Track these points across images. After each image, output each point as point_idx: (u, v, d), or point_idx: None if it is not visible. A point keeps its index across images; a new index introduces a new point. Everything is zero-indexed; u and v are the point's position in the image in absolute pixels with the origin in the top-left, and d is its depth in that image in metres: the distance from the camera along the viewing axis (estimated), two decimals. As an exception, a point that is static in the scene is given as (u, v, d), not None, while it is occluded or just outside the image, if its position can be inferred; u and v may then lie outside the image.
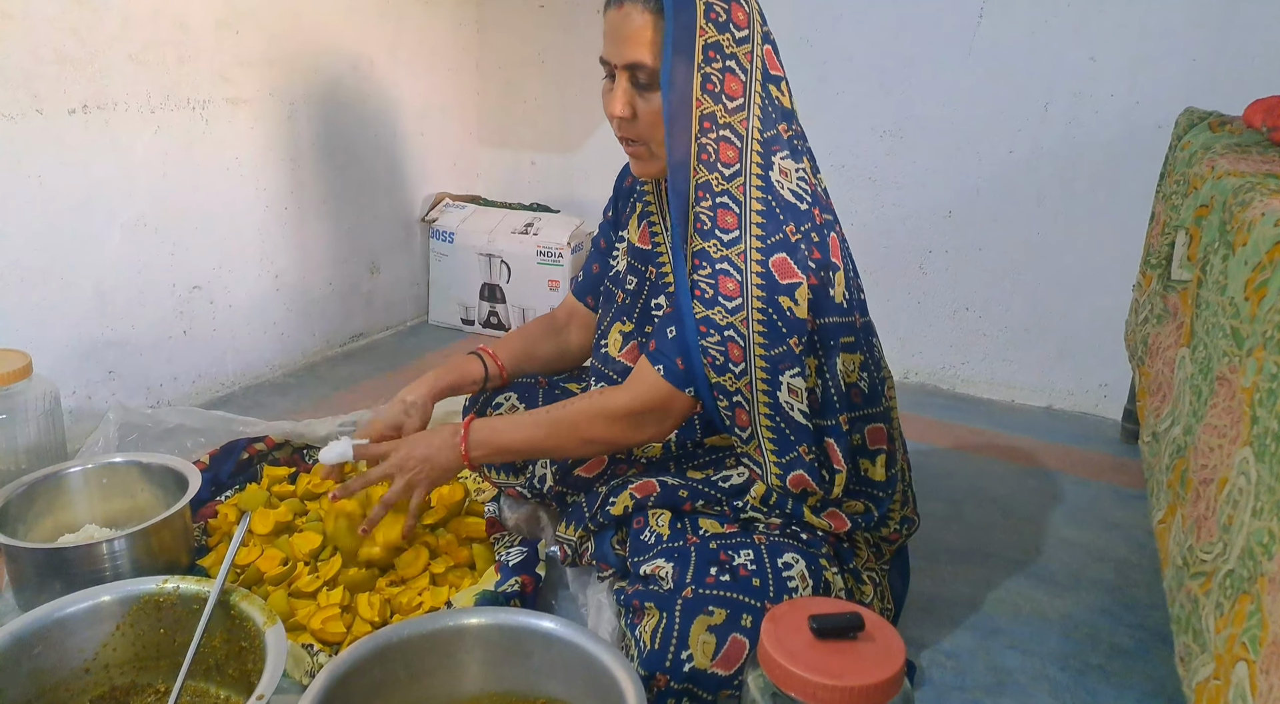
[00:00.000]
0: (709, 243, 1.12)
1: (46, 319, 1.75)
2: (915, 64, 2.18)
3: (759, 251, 1.10)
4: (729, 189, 1.12)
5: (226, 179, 2.05)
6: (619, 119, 1.16)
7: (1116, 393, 2.16)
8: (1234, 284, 0.84)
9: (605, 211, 1.47)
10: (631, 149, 1.21)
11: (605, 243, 1.45)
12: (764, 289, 1.10)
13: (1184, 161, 1.44)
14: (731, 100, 1.12)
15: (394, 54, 2.46)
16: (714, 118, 1.12)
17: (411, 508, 1.31)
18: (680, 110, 1.11)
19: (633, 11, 1.12)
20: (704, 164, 1.12)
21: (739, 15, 1.13)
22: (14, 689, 1.00)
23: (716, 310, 1.12)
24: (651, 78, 1.12)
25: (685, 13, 1.10)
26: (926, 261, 2.30)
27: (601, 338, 1.41)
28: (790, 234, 1.11)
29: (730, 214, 1.12)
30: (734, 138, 1.12)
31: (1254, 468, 0.68)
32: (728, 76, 1.12)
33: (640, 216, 1.35)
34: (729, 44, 1.12)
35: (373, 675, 0.99)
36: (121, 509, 1.44)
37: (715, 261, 1.12)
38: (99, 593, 1.07)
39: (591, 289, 1.49)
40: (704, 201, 1.13)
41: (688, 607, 1.05)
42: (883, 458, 1.24)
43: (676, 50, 1.09)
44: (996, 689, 1.25)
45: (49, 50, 1.66)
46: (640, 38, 1.11)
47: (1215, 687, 0.67)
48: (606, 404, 1.20)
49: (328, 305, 2.41)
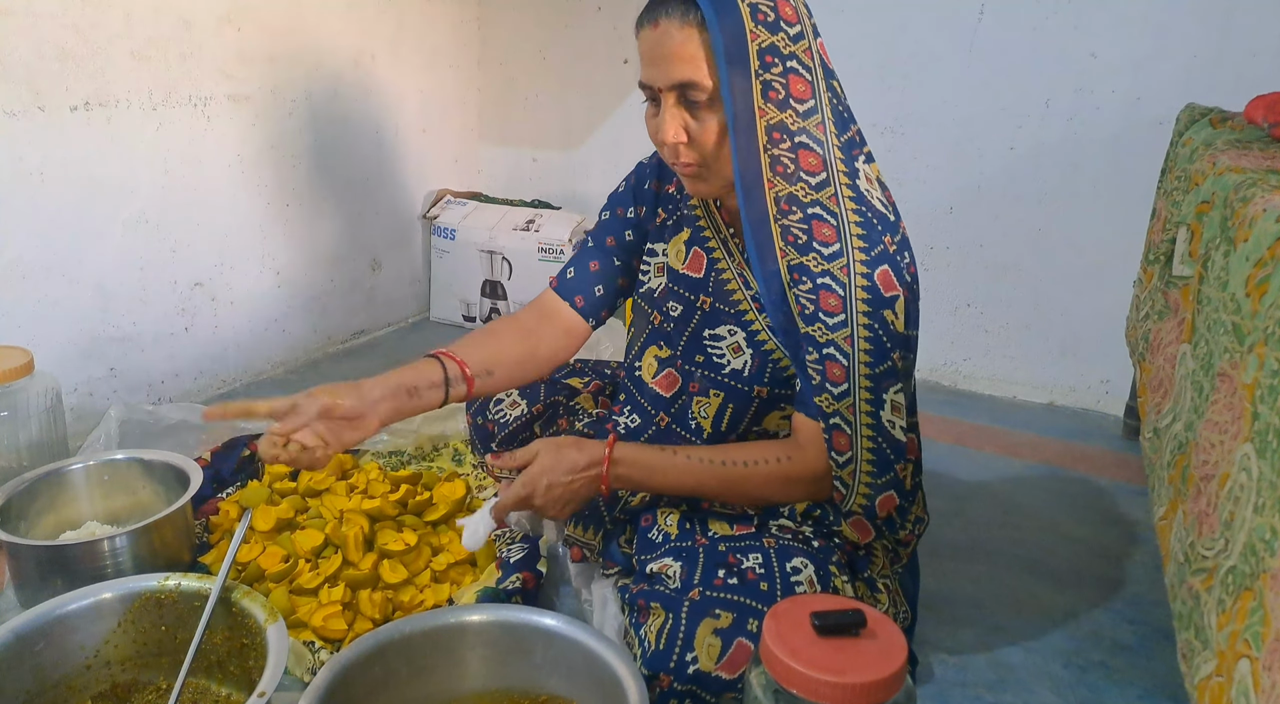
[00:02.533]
0: (807, 257, 1.05)
1: (48, 316, 1.75)
2: (916, 60, 2.18)
3: (864, 264, 1.04)
4: (819, 199, 1.05)
5: (228, 176, 2.05)
6: (673, 145, 1.08)
7: (1118, 389, 2.15)
8: (1235, 280, 0.84)
9: (616, 209, 1.34)
10: (687, 171, 1.12)
11: (615, 240, 1.33)
12: (870, 304, 1.04)
13: (1185, 158, 1.44)
14: (802, 103, 1.05)
15: (395, 50, 2.46)
16: (784, 126, 1.04)
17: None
18: (744, 124, 1.03)
19: (670, 28, 1.03)
20: (782, 176, 1.05)
21: (786, 10, 1.05)
22: (16, 685, 1.00)
23: (816, 327, 1.05)
24: (705, 95, 1.04)
25: (730, 19, 1.01)
26: (928, 258, 2.29)
27: (636, 359, 1.34)
28: (889, 245, 1.06)
29: (827, 225, 1.05)
30: (813, 144, 1.05)
31: (1255, 464, 0.67)
32: (792, 78, 1.04)
33: (691, 241, 1.25)
34: (785, 44, 1.04)
35: (374, 672, 0.99)
36: (123, 506, 1.44)
37: (816, 276, 1.05)
38: (100, 590, 1.08)
39: (584, 289, 1.33)
40: (792, 214, 1.05)
41: (694, 609, 1.04)
42: (912, 467, 1.21)
43: (729, 61, 1.02)
44: (999, 686, 1.25)
45: (51, 47, 1.66)
46: (684, 54, 1.03)
47: (1218, 684, 0.67)
48: (795, 472, 1.13)
49: (329, 302, 2.41)
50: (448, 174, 2.76)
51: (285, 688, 1.12)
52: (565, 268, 1.34)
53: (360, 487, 1.55)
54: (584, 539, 1.33)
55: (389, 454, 1.77)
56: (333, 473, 1.60)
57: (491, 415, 1.49)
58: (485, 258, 2.61)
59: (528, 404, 1.47)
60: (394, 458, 1.76)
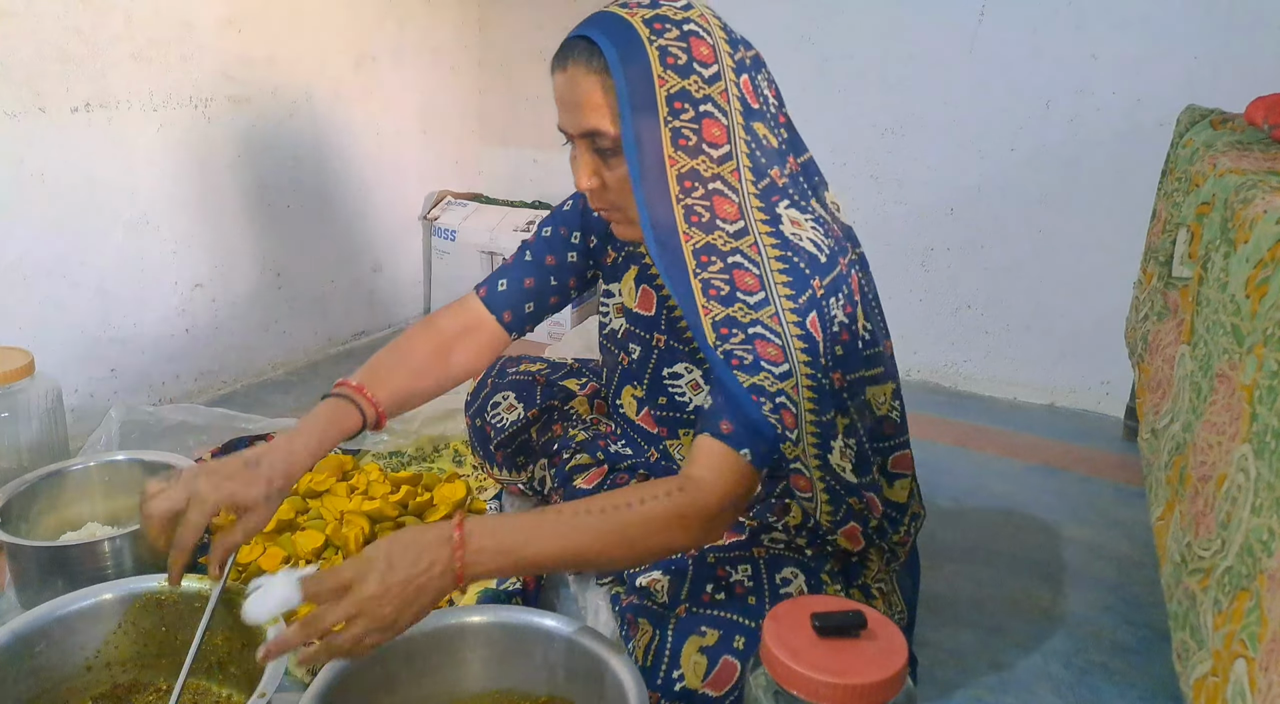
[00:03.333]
0: (732, 308, 0.98)
1: (49, 317, 1.75)
2: (917, 61, 2.18)
3: (793, 312, 0.98)
4: (739, 247, 0.99)
5: (229, 177, 2.06)
6: (587, 190, 1.04)
7: (1118, 390, 2.15)
8: (1235, 281, 0.84)
9: (560, 227, 1.28)
10: (608, 215, 1.08)
11: (555, 259, 1.27)
12: (808, 353, 0.98)
13: (1185, 159, 1.44)
14: (716, 148, 0.98)
15: (396, 52, 2.46)
16: (696, 174, 0.97)
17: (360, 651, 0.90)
18: (654, 175, 0.97)
19: (577, 74, 0.98)
20: (697, 226, 0.98)
21: (701, 50, 0.97)
22: (16, 687, 1.00)
23: (763, 376, 0.97)
24: (612, 143, 0.99)
25: (636, 64, 0.95)
26: (928, 259, 2.30)
27: (616, 396, 1.33)
28: (817, 289, 1.00)
29: (749, 274, 0.98)
30: (728, 191, 0.99)
31: (1253, 465, 0.68)
32: (706, 122, 0.97)
33: (639, 279, 1.23)
34: (698, 87, 0.97)
35: (375, 673, 0.99)
36: (124, 507, 1.44)
37: (747, 326, 0.97)
38: (101, 591, 1.08)
39: (514, 305, 1.26)
40: (712, 265, 0.98)
41: (680, 626, 1.04)
42: (903, 481, 1.20)
43: (635, 108, 0.96)
44: (999, 687, 1.25)
45: (52, 48, 1.66)
46: (591, 102, 0.98)
47: (1213, 683, 0.67)
48: (691, 507, 0.95)
49: (330, 303, 2.41)
50: (448, 175, 2.77)
51: (286, 689, 1.12)
52: (496, 277, 1.28)
53: (360, 488, 1.55)
54: None
55: (389, 455, 1.77)
56: (333, 474, 1.60)
57: (488, 418, 1.49)
58: (486, 259, 2.61)
59: (524, 408, 1.45)
60: (394, 459, 1.76)
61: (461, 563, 0.88)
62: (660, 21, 0.97)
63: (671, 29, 0.97)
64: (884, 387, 1.14)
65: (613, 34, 0.96)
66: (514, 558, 0.90)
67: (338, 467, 1.62)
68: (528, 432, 1.46)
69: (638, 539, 0.93)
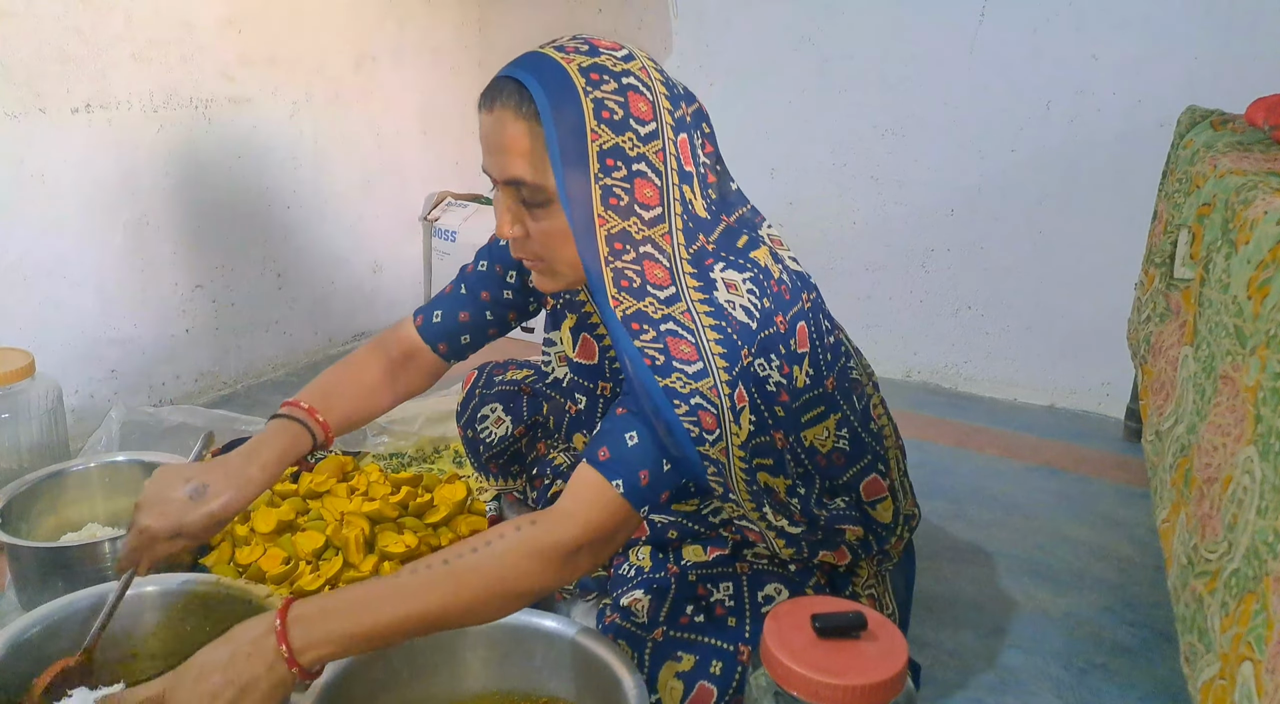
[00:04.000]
0: (670, 378, 0.91)
1: (49, 318, 1.75)
2: (917, 62, 2.18)
3: (727, 385, 0.92)
4: (671, 314, 0.93)
5: (229, 178, 2.06)
6: (510, 239, 0.99)
7: (1119, 391, 2.15)
8: (1236, 282, 0.84)
9: (495, 264, 1.24)
10: (530, 265, 1.02)
11: (490, 295, 1.24)
12: (738, 424, 0.94)
13: (1186, 160, 1.44)
14: (648, 210, 0.92)
15: (397, 53, 2.46)
16: (627, 236, 0.92)
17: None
18: (583, 230, 0.92)
19: (505, 117, 0.92)
20: (627, 291, 0.92)
21: (640, 106, 0.92)
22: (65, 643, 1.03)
23: (707, 446, 0.92)
24: (534, 195, 0.93)
25: (569, 115, 0.89)
26: (929, 260, 2.29)
27: (567, 441, 1.30)
28: (745, 357, 0.94)
29: (685, 343, 0.92)
30: (659, 255, 0.93)
31: (1258, 467, 0.67)
32: (638, 183, 0.92)
33: (577, 328, 1.19)
34: (632, 144, 0.91)
35: (375, 673, 0.99)
36: (124, 508, 1.44)
37: (688, 397, 0.91)
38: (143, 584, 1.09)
39: (449, 338, 1.24)
40: (645, 334, 0.92)
41: (657, 650, 1.03)
42: (884, 503, 1.18)
43: (565, 161, 0.90)
44: (999, 688, 1.25)
45: (52, 49, 1.66)
46: (515, 148, 0.92)
47: (1221, 686, 0.67)
48: (544, 540, 0.89)
49: (330, 304, 2.41)
50: (449, 176, 2.76)
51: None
52: (433, 307, 1.26)
53: (361, 489, 1.55)
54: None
55: (390, 456, 1.77)
56: (333, 475, 1.59)
57: (478, 430, 1.48)
58: (486, 260, 2.60)
59: (512, 421, 1.43)
60: (395, 460, 1.76)
61: (289, 649, 0.82)
62: (597, 71, 0.92)
63: (609, 81, 0.92)
64: (825, 423, 1.09)
65: (545, 80, 0.90)
66: (349, 638, 0.84)
67: (338, 468, 1.61)
68: (517, 446, 1.46)
69: (489, 585, 0.87)
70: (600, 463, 0.93)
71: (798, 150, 2.34)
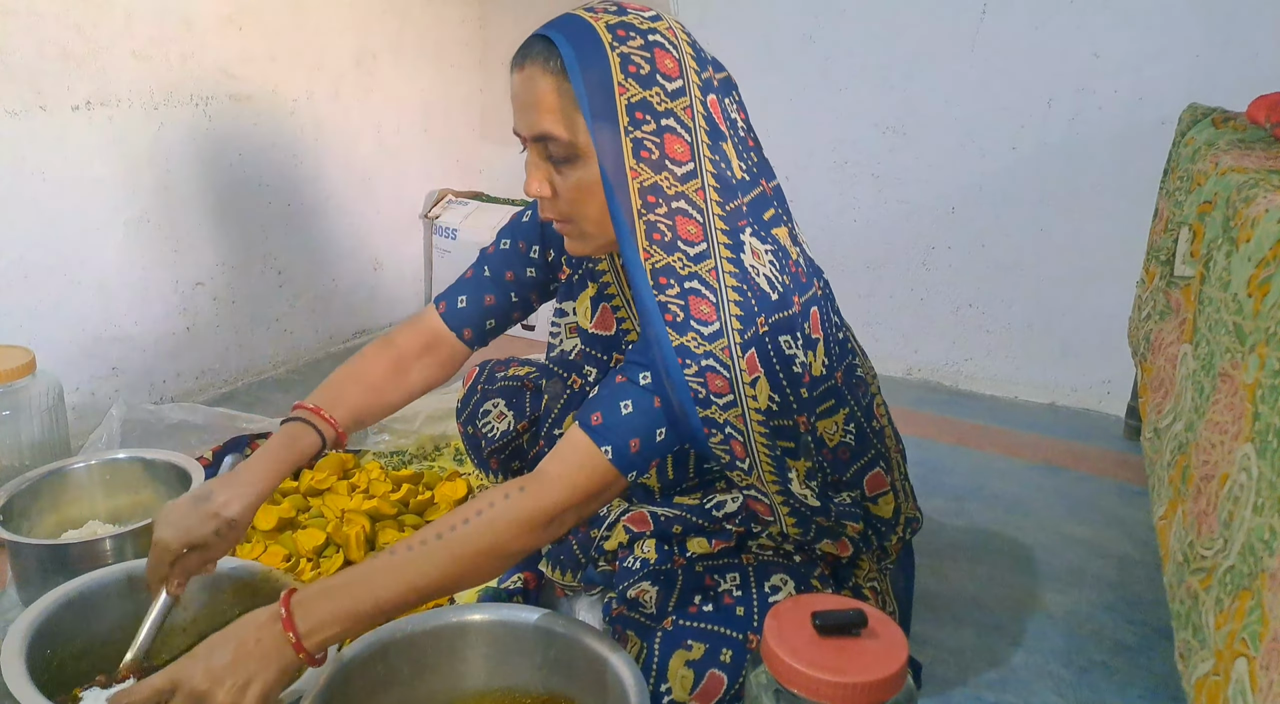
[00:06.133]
0: (687, 336, 0.93)
1: (50, 315, 1.75)
2: (918, 60, 2.18)
3: (740, 347, 0.93)
4: (698, 272, 0.94)
5: (229, 175, 2.06)
6: (537, 197, 1.01)
7: (1119, 389, 2.15)
8: (1237, 280, 0.84)
9: (519, 241, 1.24)
10: (561, 228, 1.04)
11: (514, 275, 1.24)
12: (753, 386, 0.95)
13: (1187, 158, 1.44)
14: (679, 165, 0.94)
15: (397, 50, 2.46)
16: (659, 190, 0.93)
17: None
18: (617, 184, 0.93)
19: (534, 74, 0.95)
20: (659, 244, 0.93)
21: (666, 63, 0.94)
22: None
23: (713, 410, 0.94)
24: (564, 150, 0.95)
25: (595, 70, 0.92)
26: (929, 257, 2.29)
27: (556, 426, 1.28)
28: (760, 326, 0.94)
29: (705, 302, 0.93)
30: (692, 211, 0.94)
31: (1255, 464, 0.68)
32: (668, 137, 0.93)
33: (597, 298, 1.19)
34: (660, 99, 0.93)
35: (376, 671, 0.99)
36: (125, 505, 1.44)
37: (700, 357, 0.92)
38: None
39: (474, 323, 1.24)
40: (670, 289, 0.93)
41: (666, 640, 1.03)
42: (886, 497, 1.18)
43: (595, 115, 0.92)
44: (999, 685, 1.25)
45: (53, 46, 1.66)
46: (544, 103, 0.94)
47: (1215, 683, 0.67)
48: (530, 508, 0.93)
49: (331, 302, 2.41)
50: (449, 174, 2.76)
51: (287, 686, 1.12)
52: (455, 292, 1.25)
53: (361, 486, 1.55)
54: (565, 582, 1.28)
55: (390, 454, 1.77)
56: (334, 472, 1.60)
57: (479, 426, 1.47)
58: (487, 257, 2.61)
59: (514, 417, 1.41)
60: (395, 457, 1.76)
61: (295, 634, 0.85)
62: (624, 28, 0.94)
63: (636, 37, 0.94)
64: (834, 417, 1.10)
65: (572, 36, 0.93)
66: (353, 616, 0.88)
67: (339, 465, 1.62)
68: (519, 441, 1.46)
69: (482, 552, 0.92)
70: (592, 427, 0.96)
71: (799, 148, 2.34)
